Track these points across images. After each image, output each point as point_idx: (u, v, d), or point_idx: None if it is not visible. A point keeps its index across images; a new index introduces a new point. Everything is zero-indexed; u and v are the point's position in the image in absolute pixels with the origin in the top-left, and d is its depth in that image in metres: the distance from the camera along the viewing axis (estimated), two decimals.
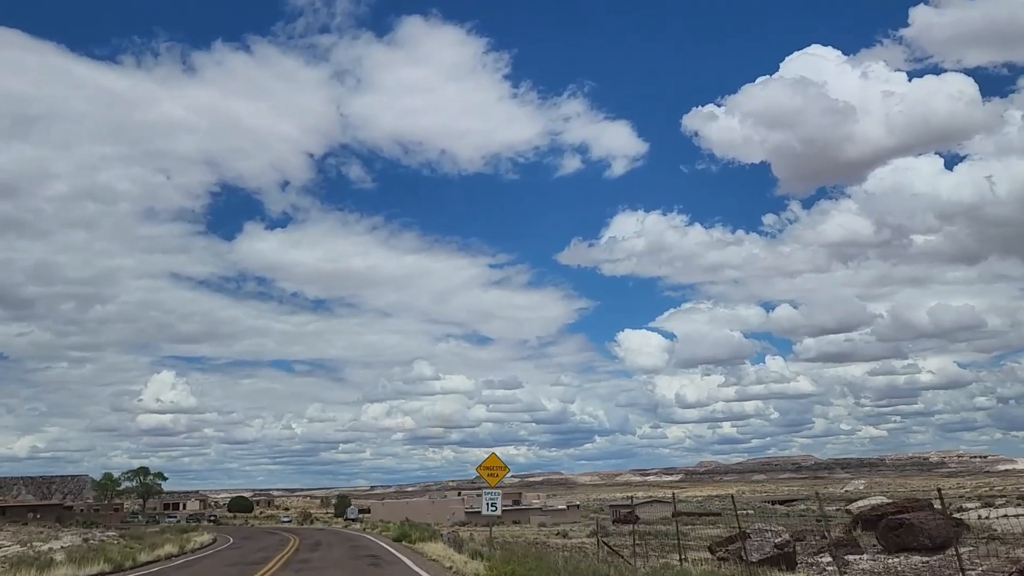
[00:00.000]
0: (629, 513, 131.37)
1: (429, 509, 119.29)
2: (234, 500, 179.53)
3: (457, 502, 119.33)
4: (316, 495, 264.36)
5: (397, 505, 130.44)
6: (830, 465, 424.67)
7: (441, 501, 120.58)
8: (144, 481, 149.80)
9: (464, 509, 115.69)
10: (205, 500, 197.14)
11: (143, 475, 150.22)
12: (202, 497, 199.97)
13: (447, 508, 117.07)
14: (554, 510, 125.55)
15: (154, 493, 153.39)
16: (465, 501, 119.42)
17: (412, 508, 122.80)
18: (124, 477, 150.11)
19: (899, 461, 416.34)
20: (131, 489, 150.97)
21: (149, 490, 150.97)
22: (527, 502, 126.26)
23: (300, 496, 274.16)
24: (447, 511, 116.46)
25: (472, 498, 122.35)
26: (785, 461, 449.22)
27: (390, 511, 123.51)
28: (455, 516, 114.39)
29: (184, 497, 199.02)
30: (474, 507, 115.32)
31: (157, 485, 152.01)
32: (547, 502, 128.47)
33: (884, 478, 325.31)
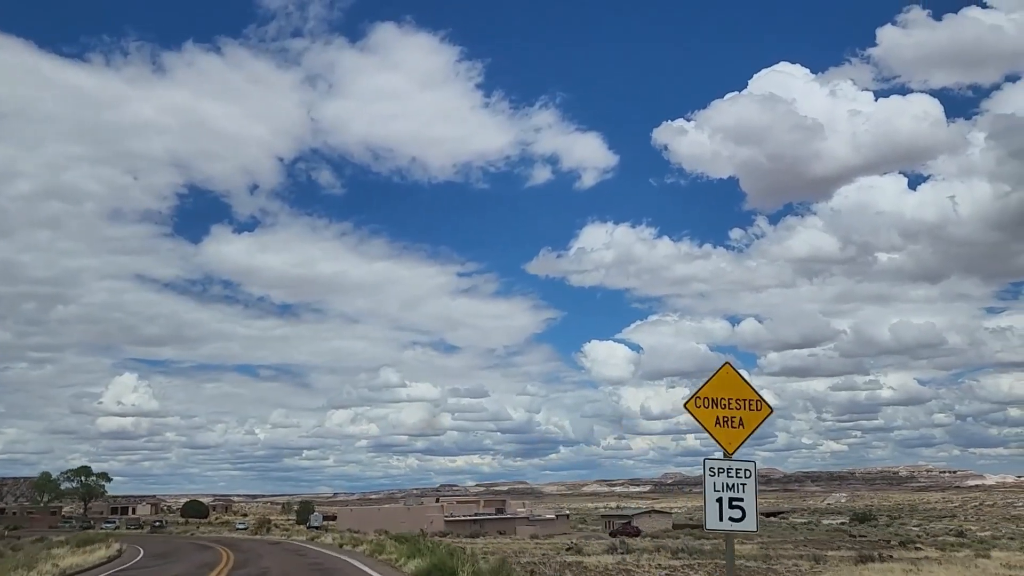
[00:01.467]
0: (627, 524, 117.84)
1: (404, 517, 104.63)
2: (188, 504, 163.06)
3: (435, 509, 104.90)
4: (278, 501, 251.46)
5: (367, 512, 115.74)
6: (799, 478, 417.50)
7: (417, 508, 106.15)
8: (86, 482, 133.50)
9: (444, 517, 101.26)
10: (157, 505, 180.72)
11: (85, 475, 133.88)
12: (154, 501, 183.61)
13: (424, 516, 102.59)
14: (542, 520, 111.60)
15: (97, 495, 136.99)
16: (444, 508, 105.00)
17: (385, 515, 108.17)
18: (64, 477, 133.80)
19: (868, 475, 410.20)
20: (73, 491, 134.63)
21: (92, 492, 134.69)
22: (511, 510, 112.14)
23: (261, 502, 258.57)
24: (424, 519, 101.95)
25: (452, 505, 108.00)
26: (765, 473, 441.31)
27: (360, 519, 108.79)
28: (433, 524, 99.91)
29: (135, 501, 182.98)
30: (454, 515, 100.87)
31: (100, 487, 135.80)
32: (533, 511, 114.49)
33: (858, 491, 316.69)
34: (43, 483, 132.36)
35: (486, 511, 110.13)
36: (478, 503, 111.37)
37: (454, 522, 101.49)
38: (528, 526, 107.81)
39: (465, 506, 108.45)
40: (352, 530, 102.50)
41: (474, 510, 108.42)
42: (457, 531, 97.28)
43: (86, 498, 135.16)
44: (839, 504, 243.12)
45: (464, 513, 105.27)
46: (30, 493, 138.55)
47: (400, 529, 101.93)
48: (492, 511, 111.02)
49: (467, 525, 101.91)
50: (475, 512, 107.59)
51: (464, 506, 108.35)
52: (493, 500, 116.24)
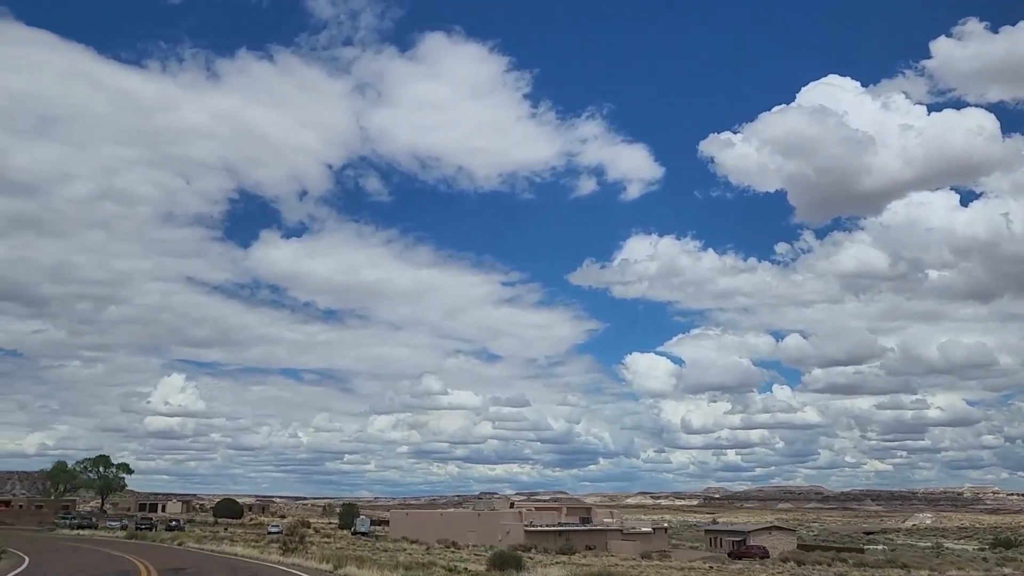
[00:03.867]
0: (751, 544, 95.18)
1: (473, 524, 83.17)
2: (221, 503, 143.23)
3: (512, 516, 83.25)
4: (319, 504, 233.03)
5: (426, 518, 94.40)
6: (857, 496, 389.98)
7: (489, 514, 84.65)
8: (103, 473, 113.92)
9: (523, 527, 79.54)
10: (189, 503, 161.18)
11: (103, 466, 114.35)
12: (185, 499, 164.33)
13: (498, 524, 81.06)
14: (637, 533, 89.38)
15: (116, 488, 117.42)
16: (523, 515, 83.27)
17: (449, 522, 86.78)
18: (80, 468, 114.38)
19: (931, 495, 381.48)
20: (90, 483, 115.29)
21: (110, 485, 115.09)
22: (598, 520, 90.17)
23: (302, 504, 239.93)
24: (498, 528, 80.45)
25: (531, 512, 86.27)
26: (808, 491, 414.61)
27: (417, 525, 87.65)
28: (511, 535, 78.27)
29: (164, 498, 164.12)
30: (534, 524, 78.91)
31: (120, 479, 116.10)
32: (623, 521, 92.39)
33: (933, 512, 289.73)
34: (57, 474, 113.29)
35: (569, 519, 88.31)
36: (559, 510, 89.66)
37: (535, 532, 79.76)
38: (622, 540, 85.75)
39: (545, 513, 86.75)
40: (408, 539, 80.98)
41: (556, 518, 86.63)
42: (541, 544, 75.58)
43: (103, 491, 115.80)
44: (923, 525, 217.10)
45: (546, 522, 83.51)
46: (43, 485, 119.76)
47: (469, 539, 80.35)
48: (576, 520, 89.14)
49: (551, 537, 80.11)
50: (558, 521, 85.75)
51: (543, 513, 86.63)
52: (576, 507, 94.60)
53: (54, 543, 44.78)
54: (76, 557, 33.73)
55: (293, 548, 40.13)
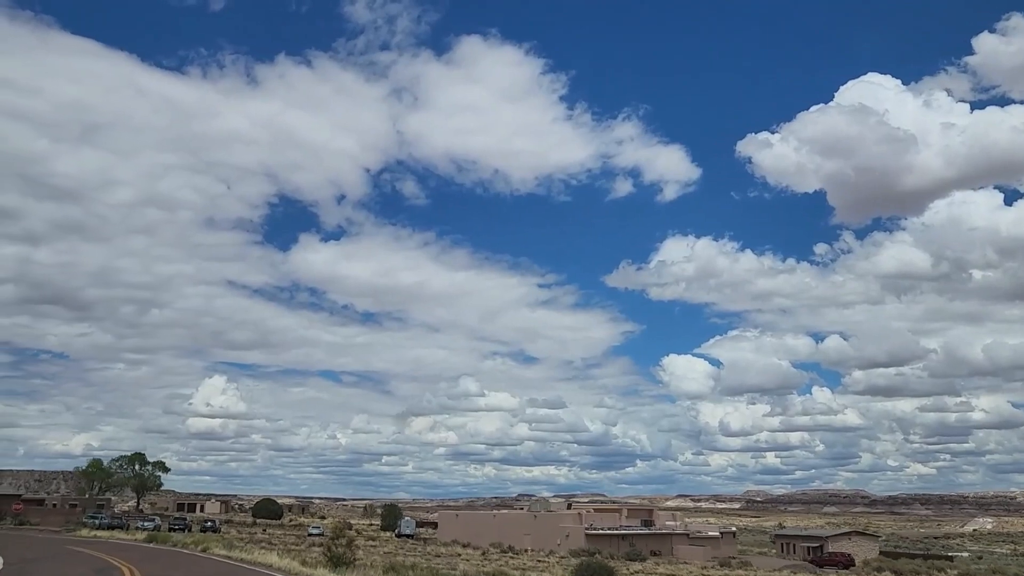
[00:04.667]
0: (817, 549, 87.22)
1: (529, 526, 76.18)
2: (260, 504, 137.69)
3: (571, 518, 76.06)
4: (358, 505, 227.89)
5: (478, 520, 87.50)
6: (906, 500, 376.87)
7: (546, 516, 77.48)
8: (139, 471, 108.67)
9: (584, 529, 72.35)
10: (227, 503, 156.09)
11: (139, 463, 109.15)
12: (224, 499, 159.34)
13: (556, 526, 74.00)
14: (705, 538, 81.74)
15: (152, 487, 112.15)
16: (583, 517, 76.06)
17: (503, 525, 79.86)
18: (116, 466, 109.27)
19: (982, 499, 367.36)
20: (125, 481, 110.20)
21: (145, 483, 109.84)
22: (660, 524, 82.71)
23: (341, 505, 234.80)
24: (556, 530, 73.41)
25: (590, 513, 79.03)
26: (853, 494, 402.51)
27: (468, 528, 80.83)
28: (571, 539, 71.20)
29: (203, 498, 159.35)
30: (595, 526, 71.65)
31: (156, 478, 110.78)
32: (688, 525, 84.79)
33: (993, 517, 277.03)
34: (92, 471, 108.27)
35: (629, 522, 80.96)
36: (619, 512, 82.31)
37: (597, 536, 72.53)
38: (689, 545, 78.19)
39: (606, 515, 79.50)
40: (459, 543, 74.19)
41: (617, 521, 79.31)
42: (603, 548, 68.35)
43: (139, 490, 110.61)
44: (985, 530, 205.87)
45: (607, 525, 76.27)
46: (78, 483, 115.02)
47: (525, 543, 73.36)
48: (638, 523, 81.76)
49: (614, 542, 72.88)
50: (620, 524, 78.45)
51: (603, 515, 79.39)
52: (637, 509, 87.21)
53: (58, 546, 38.73)
54: (60, 566, 27.28)
55: (340, 555, 33.62)
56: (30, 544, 41.68)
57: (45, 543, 43.30)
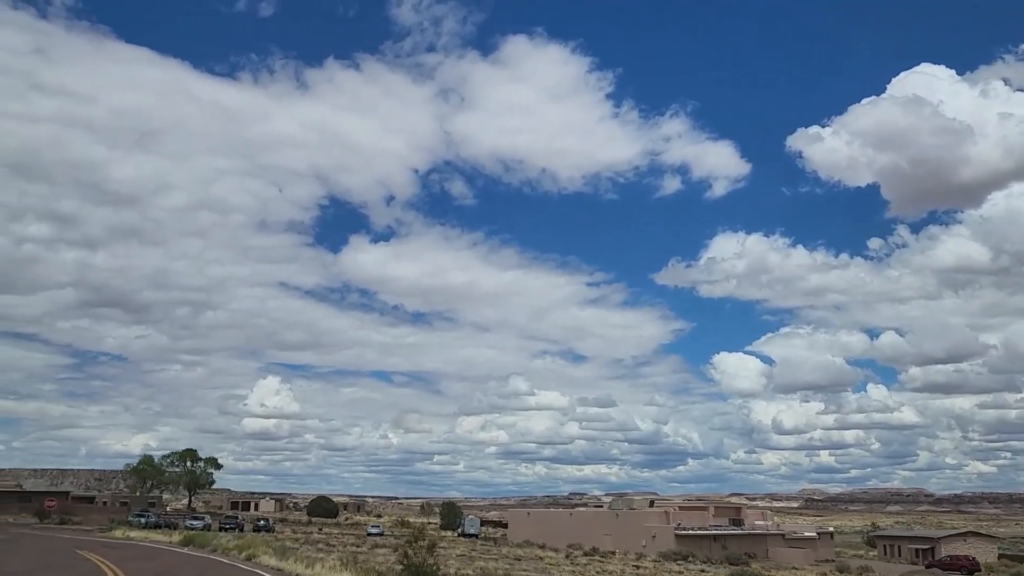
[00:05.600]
0: (929, 551, 77.69)
1: (610, 526, 68.27)
2: (315, 502, 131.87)
3: (656, 516, 67.98)
4: (412, 504, 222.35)
5: (551, 518, 79.66)
6: (973, 499, 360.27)
7: (629, 514, 69.46)
8: (190, 468, 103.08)
9: (673, 530, 64.15)
10: (281, 501, 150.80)
11: (190, 460, 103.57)
12: (279, 498, 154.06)
13: (640, 526, 65.93)
14: (801, 539, 72.88)
15: (204, 484, 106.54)
16: (670, 516, 67.83)
17: (580, 524, 72.07)
18: (167, 462, 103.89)
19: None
20: (177, 478, 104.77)
21: (197, 481, 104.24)
22: (750, 524, 74.10)
23: (396, 503, 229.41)
24: (641, 530, 65.35)
25: (675, 512, 70.75)
26: (916, 492, 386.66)
27: (541, 526, 73.05)
28: (658, 540, 63.05)
29: (259, 497, 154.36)
30: (684, 525, 63.32)
31: (208, 475, 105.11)
32: (780, 525, 76.02)
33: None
34: (143, 468, 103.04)
35: (716, 521, 72.54)
36: (707, 510, 73.92)
37: (688, 537, 64.27)
38: (785, 547, 69.46)
39: (692, 514, 71.20)
40: (533, 543, 66.46)
41: (706, 520, 70.94)
42: (694, 550, 60.10)
43: (191, 487, 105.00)
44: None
45: (696, 524, 67.97)
46: (131, 481, 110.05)
47: (605, 544, 65.40)
48: (724, 522, 73.31)
49: (705, 543, 64.56)
50: (708, 524, 70.07)
51: (690, 513, 71.09)
52: (724, 507, 78.89)
53: (66, 552, 31.90)
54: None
55: (420, 565, 26.28)
56: (34, 549, 35.05)
57: (55, 547, 36.69)
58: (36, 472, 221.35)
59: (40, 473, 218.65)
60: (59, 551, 33.54)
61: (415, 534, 28.63)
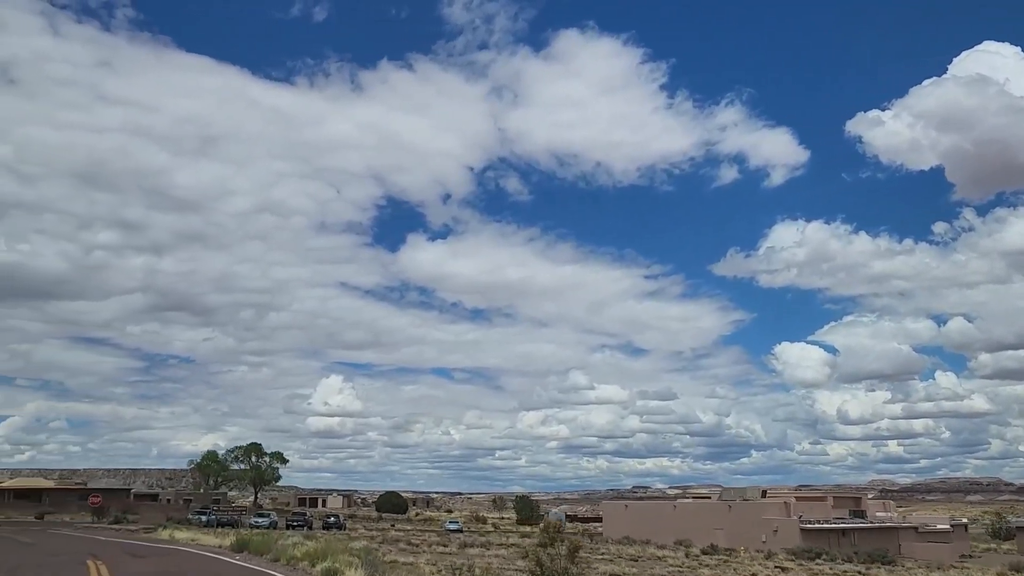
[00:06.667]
0: None
1: (722, 519, 59.41)
2: (383, 498, 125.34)
3: (777, 508, 58.86)
4: (476, 499, 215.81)
5: (652, 511, 70.75)
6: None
7: (743, 506, 60.55)
8: (256, 463, 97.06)
9: (796, 522, 55.01)
10: (349, 497, 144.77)
11: (254, 454, 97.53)
12: (346, 494, 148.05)
13: (759, 519, 56.94)
14: (935, 532, 62.93)
15: (269, 480, 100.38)
16: (790, 508, 58.64)
17: (685, 517, 63.22)
18: (231, 457, 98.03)
19: None
20: (242, 473, 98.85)
21: (263, 476, 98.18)
22: (871, 515, 64.37)
23: (467, 499, 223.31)
24: (757, 524, 56.35)
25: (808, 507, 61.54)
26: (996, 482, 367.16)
27: (641, 521, 64.36)
28: (780, 534, 53.95)
29: (326, 494, 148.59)
30: (809, 519, 53.92)
31: (274, 470, 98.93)
32: (905, 517, 66.11)
33: None
34: (206, 464, 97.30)
35: (836, 513, 63.08)
36: (825, 500, 64.49)
37: (815, 533, 55.04)
38: (918, 541, 59.71)
39: (813, 505, 61.88)
40: (634, 540, 57.97)
41: (827, 512, 61.55)
42: (819, 547, 50.84)
43: (256, 483, 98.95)
44: None
45: (819, 517, 58.66)
46: (194, 478, 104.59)
47: (716, 539, 56.54)
48: (844, 514, 63.82)
49: (832, 538, 55.26)
50: (831, 516, 60.66)
51: (811, 505, 61.77)
52: (842, 497, 69.49)
53: (71, 565, 24.24)
54: None
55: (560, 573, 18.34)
56: (34, 556, 27.79)
57: (64, 551, 29.36)
58: (109, 472, 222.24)
59: (113, 473, 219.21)
60: (60, 559, 26.42)
61: (551, 535, 20.76)
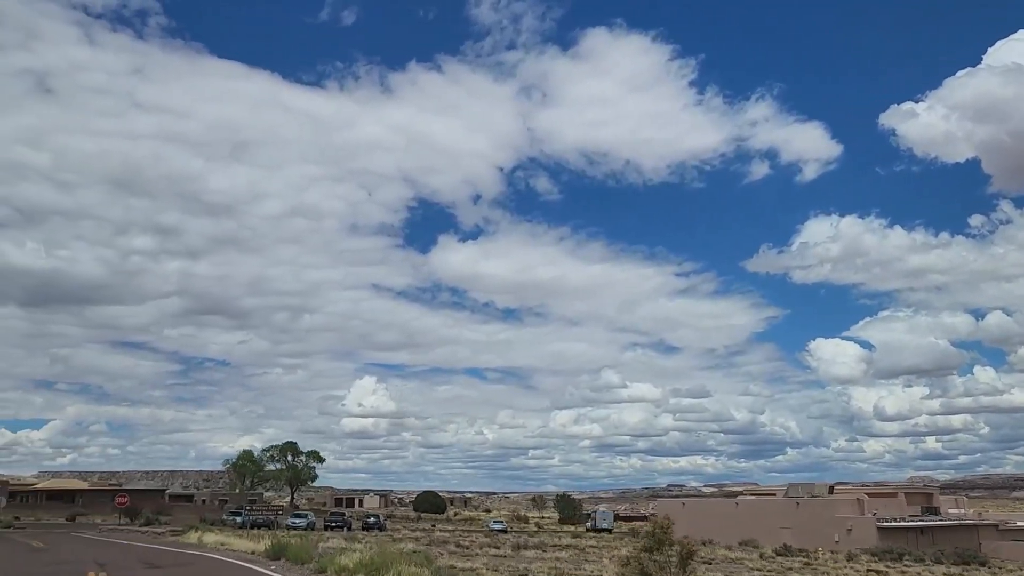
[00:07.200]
0: None
1: (790, 518, 55.07)
2: (421, 497, 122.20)
3: (849, 504, 54.46)
4: (512, 498, 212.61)
5: (711, 508, 66.61)
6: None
7: (812, 503, 56.16)
8: (292, 462, 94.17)
9: (873, 520, 50.54)
10: (386, 497, 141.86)
11: (291, 453, 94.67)
12: (382, 493, 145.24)
13: (828, 518, 52.54)
14: (1016, 529, 58.12)
15: (306, 480, 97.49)
16: (863, 505, 54.18)
17: (748, 515, 58.98)
18: (267, 457, 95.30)
19: None
20: (278, 473, 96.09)
21: (299, 475, 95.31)
22: (944, 512, 59.57)
23: (499, 498, 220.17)
24: (828, 523, 51.96)
25: (881, 504, 56.97)
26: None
27: (698, 520, 60.04)
28: (854, 534, 49.52)
29: (362, 494, 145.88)
30: (886, 518, 49.39)
31: (311, 469, 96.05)
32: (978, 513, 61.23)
33: None
34: (242, 464, 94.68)
35: (909, 510, 58.40)
36: (896, 496, 59.90)
37: (892, 531, 50.52)
38: (1002, 540, 54.87)
39: (886, 502, 57.32)
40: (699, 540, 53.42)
41: (901, 509, 56.94)
42: (895, 546, 46.29)
43: (293, 483, 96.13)
44: None
45: (894, 514, 54.11)
46: (229, 477, 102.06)
47: (783, 538, 52.18)
48: (915, 511, 59.14)
49: (910, 537, 50.68)
50: (905, 514, 56.03)
51: (885, 501, 57.24)
52: (913, 492, 64.79)
53: None
54: None
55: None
56: (31, 568, 24.26)
57: (67, 560, 25.59)
58: (148, 474, 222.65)
59: (151, 475, 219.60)
60: (62, 568, 23.06)
61: (658, 537, 17.00)
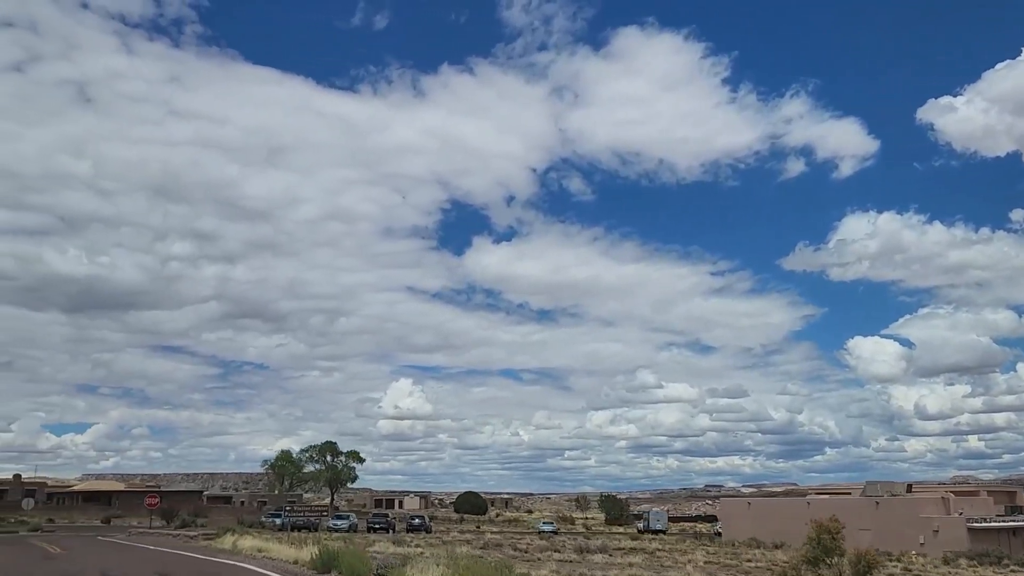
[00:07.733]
0: None
1: (867, 518, 50.46)
2: (462, 498, 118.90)
3: (935, 504, 49.89)
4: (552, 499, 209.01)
5: (781, 509, 62.13)
6: None
7: (892, 502, 51.69)
8: (331, 463, 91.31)
9: (963, 521, 45.91)
10: (425, 498, 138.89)
11: (330, 453, 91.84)
12: (422, 494, 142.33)
13: (911, 518, 48.03)
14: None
15: (345, 480, 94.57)
16: (949, 504, 49.56)
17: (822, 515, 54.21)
18: (306, 457, 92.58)
19: None
20: (317, 474, 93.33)
21: (339, 476, 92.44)
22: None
23: (540, 499, 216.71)
24: (912, 523, 47.42)
25: (965, 502, 52.23)
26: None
27: (769, 521, 55.79)
28: (941, 535, 44.90)
29: (401, 495, 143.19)
30: (975, 518, 44.55)
31: (351, 469, 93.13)
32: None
33: None
34: (280, 465, 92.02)
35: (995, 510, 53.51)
36: (978, 494, 55.17)
37: (984, 532, 45.84)
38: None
39: (973, 501, 52.66)
40: (769, 543, 49.48)
41: (989, 508, 52.17)
42: (990, 549, 41.54)
43: (332, 484, 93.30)
44: None
45: (982, 514, 49.41)
46: (268, 478, 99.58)
47: (862, 540, 47.73)
48: (999, 509, 54.24)
49: (1003, 539, 45.96)
50: (993, 514, 51.20)
51: (971, 501, 52.61)
52: (998, 491, 59.90)
53: None
54: None
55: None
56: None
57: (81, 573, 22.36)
58: (188, 476, 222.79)
59: (192, 477, 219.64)
60: None
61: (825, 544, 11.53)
